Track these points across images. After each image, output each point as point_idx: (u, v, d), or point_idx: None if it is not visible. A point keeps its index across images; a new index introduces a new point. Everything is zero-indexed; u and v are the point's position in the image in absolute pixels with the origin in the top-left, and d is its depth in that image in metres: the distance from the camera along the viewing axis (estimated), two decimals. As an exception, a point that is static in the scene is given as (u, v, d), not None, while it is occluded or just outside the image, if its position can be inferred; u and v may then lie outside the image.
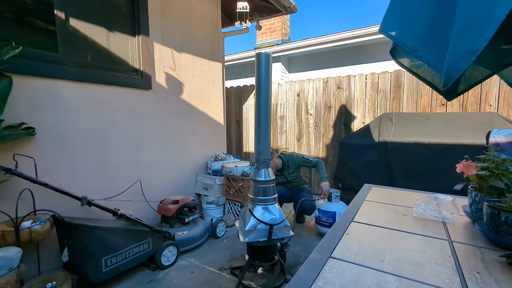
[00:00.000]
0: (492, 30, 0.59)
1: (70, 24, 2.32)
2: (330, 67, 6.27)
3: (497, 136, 2.54)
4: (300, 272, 0.78)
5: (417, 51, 0.82)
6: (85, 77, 2.38)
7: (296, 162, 3.35)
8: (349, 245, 0.95)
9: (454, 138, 2.79)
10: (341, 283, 0.73)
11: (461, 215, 1.22)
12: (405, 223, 1.16)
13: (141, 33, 2.82)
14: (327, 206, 2.97)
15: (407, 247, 0.93)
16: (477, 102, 3.35)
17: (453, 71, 0.68)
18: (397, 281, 0.73)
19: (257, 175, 2.11)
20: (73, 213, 2.23)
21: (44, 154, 2.15)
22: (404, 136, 3.08)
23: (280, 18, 7.02)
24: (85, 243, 1.94)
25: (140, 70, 2.85)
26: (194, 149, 3.57)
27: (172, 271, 2.35)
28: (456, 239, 1.00)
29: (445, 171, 2.73)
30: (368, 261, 0.84)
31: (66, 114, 2.28)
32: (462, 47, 0.66)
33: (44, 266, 2.05)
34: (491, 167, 1.07)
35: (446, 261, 0.84)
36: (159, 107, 3.06)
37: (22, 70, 2.00)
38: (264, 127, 2.09)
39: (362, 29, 5.25)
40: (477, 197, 1.12)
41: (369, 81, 4.05)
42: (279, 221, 2.03)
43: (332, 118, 4.41)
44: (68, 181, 2.27)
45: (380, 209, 1.35)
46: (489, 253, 0.89)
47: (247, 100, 5.34)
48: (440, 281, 0.73)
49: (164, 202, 2.74)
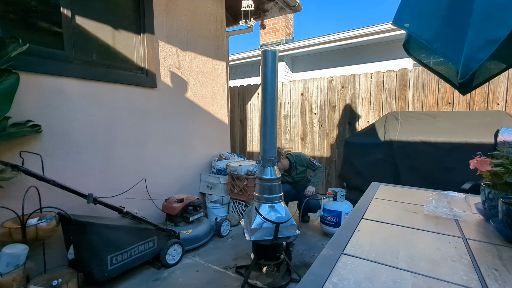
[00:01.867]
0: (514, 18, 0.58)
1: (76, 22, 2.32)
2: (334, 67, 6.25)
3: (505, 135, 2.51)
4: (313, 268, 0.76)
5: (432, 44, 0.80)
6: (90, 75, 2.39)
7: (303, 164, 3.33)
8: (361, 242, 0.93)
9: (462, 136, 2.76)
10: (356, 279, 0.71)
11: (473, 213, 1.20)
12: (416, 220, 1.14)
13: (146, 31, 2.82)
14: (333, 205, 2.95)
15: (421, 244, 0.91)
16: (484, 101, 3.31)
17: (472, 62, 0.66)
18: (413, 277, 0.72)
19: (263, 173, 2.09)
20: (79, 211, 2.23)
21: (50, 152, 2.15)
22: (411, 135, 3.05)
23: (284, 18, 7.01)
24: (90, 241, 1.94)
25: (145, 69, 2.85)
26: (199, 148, 3.56)
27: (177, 270, 2.34)
28: (470, 236, 0.98)
29: (452, 170, 2.69)
30: (382, 258, 0.82)
31: (72, 111, 2.28)
32: (482, 36, 0.64)
33: (50, 264, 2.05)
34: (506, 164, 1.05)
35: (462, 258, 0.82)
36: (164, 106, 3.06)
37: (29, 68, 2.01)
38: (270, 125, 2.07)
39: (366, 28, 5.22)
40: (490, 194, 1.10)
41: (374, 80, 4.02)
42: (285, 219, 2.01)
43: (337, 117, 4.38)
44: (73, 179, 2.27)
45: (390, 207, 1.32)
46: (505, 251, 0.87)
47: (251, 100, 5.33)
48: (458, 278, 0.71)
49: (169, 200, 2.73)
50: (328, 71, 6.26)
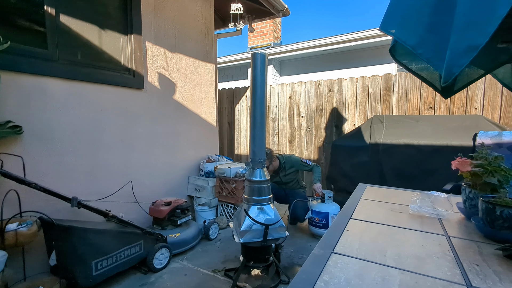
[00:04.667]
0: (493, 26, 0.62)
1: (61, 20, 2.26)
2: (321, 71, 6.36)
3: (483, 138, 2.63)
4: (305, 267, 0.77)
5: (417, 49, 0.84)
6: (75, 75, 2.32)
7: (293, 165, 3.32)
8: (350, 241, 0.96)
9: (443, 139, 2.87)
10: (346, 277, 0.73)
11: (455, 212, 1.25)
12: (402, 219, 1.18)
13: (134, 32, 2.78)
14: (320, 207, 2.98)
15: (407, 242, 0.95)
16: (463, 106, 3.46)
17: (454, 67, 0.70)
18: (401, 274, 0.74)
19: (252, 175, 2.10)
20: (61, 215, 2.15)
21: (32, 154, 2.07)
22: (395, 137, 3.15)
23: (272, 22, 7.09)
24: (74, 246, 1.87)
25: (132, 70, 2.80)
26: (186, 150, 3.53)
27: (164, 274, 2.30)
28: (452, 234, 1.02)
29: (434, 171, 2.80)
30: (371, 256, 0.84)
31: (55, 112, 2.21)
32: (463, 43, 0.68)
33: (30, 270, 1.96)
34: (485, 164, 1.10)
35: (445, 255, 0.85)
36: (152, 107, 3.02)
37: (10, 66, 1.93)
38: (260, 127, 2.08)
39: (352, 33, 5.36)
40: (471, 193, 1.15)
41: (360, 84, 4.12)
42: (274, 221, 2.02)
43: (324, 120, 4.45)
44: (56, 182, 2.20)
45: (377, 207, 1.36)
46: (485, 247, 0.91)
47: (239, 102, 5.34)
48: (442, 273, 0.74)
49: (156, 203, 2.68)
50: (315, 75, 6.36)
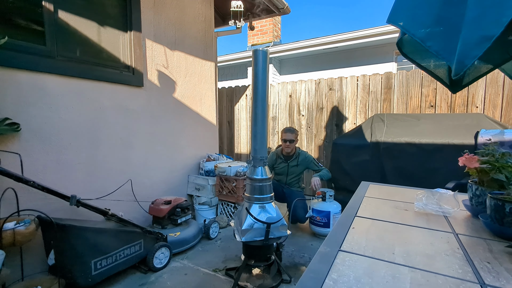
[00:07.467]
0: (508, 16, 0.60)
1: (59, 16, 2.23)
2: (321, 70, 6.34)
3: (485, 136, 2.62)
4: (312, 265, 0.75)
5: (426, 41, 0.82)
6: (74, 72, 2.29)
7: (306, 158, 3.26)
8: (356, 239, 0.93)
9: (444, 138, 2.86)
10: (355, 275, 0.71)
11: (461, 209, 1.23)
12: (408, 217, 1.16)
13: (133, 29, 2.75)
14: (321, 205, 2.97)
15: (414, 240, 0.93)
16: (464, 104, 3.45)
17: (466, 59, 0.68)
18: (411, 272, 0.72)
19: (254, 173, 2.08)
20: (60, 214, 2.13)
21: (30, 152, 2.04)
22: (396, 136, 3.13)
23: (272, 20, 7.06)
24: (73, 245, 1.84)
25: (132, 67, 2.77)
26: (186, 149, 3.50)
27: (164, 274, 2.27)
28: (460, 231, 1.00)
29: (436, 170, 2.78)
30: (378, 254, 0.82)
31: (53, 110, 2.18)
32: (476, 34, 0.66)
33: (28, 270, 1.94)
34: (492, 161, 1.08)
35: (455, 253, 0.83)
36: (151, 105, 2.99)
37: (7, 62, 1.90)
38: (261, 124, 2.06)
39: (353, 32, 5.34)
40: (477, 190, 1.13)
41: (360, 83, 4.11)
42: (276, 219, 2.00)
43: (324, 119, 4.44)
44: (55, 181, 2.17)
45: (381, 205, 1.34)
46: (495, 244, 0.89)
47: (239, 101, 5.31)
48: (453, 271, 0.72)
49: (156, 202, 2.66)
50: (315, 74, 6.34)
